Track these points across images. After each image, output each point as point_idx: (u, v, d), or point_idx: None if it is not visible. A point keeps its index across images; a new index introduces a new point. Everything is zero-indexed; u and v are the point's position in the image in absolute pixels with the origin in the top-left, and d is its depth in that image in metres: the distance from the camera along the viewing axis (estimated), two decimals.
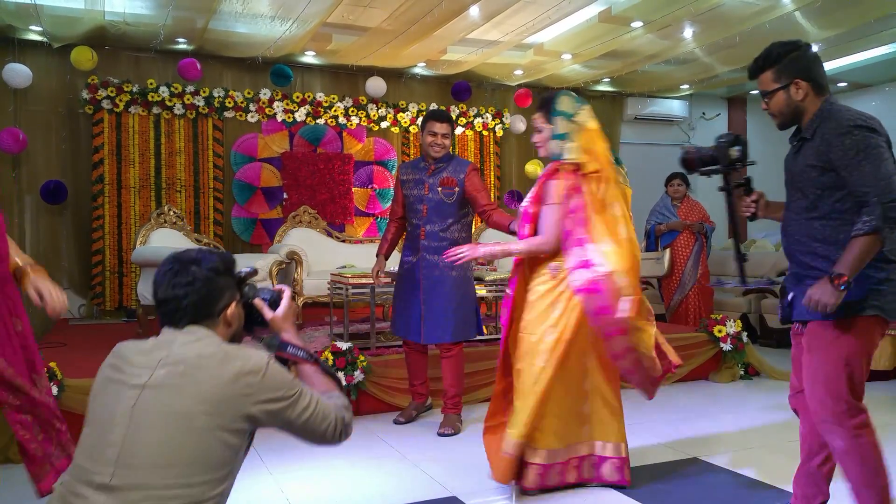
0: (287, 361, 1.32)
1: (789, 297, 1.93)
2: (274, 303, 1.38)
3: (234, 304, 1.29)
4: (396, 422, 3.24)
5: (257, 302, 1.36)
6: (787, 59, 1.86)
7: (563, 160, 2.34)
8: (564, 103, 2.36)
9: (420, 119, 6.46)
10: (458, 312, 3.04)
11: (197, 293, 1.23)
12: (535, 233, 2.36)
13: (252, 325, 1.37)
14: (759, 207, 2.05)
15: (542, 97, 2.46)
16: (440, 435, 3.04)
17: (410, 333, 3.08)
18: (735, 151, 2.01)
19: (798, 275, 1.89)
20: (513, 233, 2.79)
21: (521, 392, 2.31)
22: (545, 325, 2.28)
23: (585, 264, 2.24)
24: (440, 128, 3.02)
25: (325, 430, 1.25)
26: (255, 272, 1.38)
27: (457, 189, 3.02)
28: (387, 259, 3.25)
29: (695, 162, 2.09)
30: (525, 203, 2.41)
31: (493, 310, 4.74)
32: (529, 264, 2.39)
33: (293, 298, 1.51)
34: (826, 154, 1.80)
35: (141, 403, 1.13)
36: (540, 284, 2.32)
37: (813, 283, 1.74)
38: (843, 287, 1.67)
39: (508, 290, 2.45)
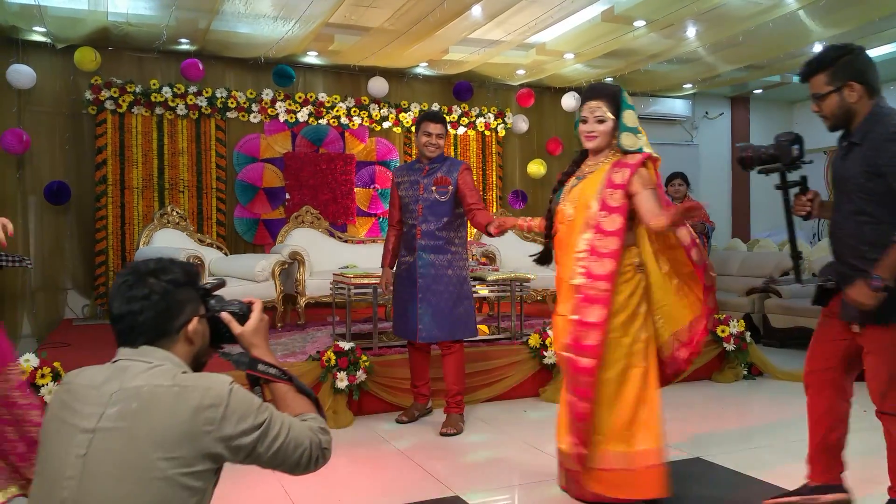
0: (258, 380, 1.22)
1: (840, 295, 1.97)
2: (243, 316, 1.25)
3: (195, 320, 1.16)
4: (399, 421, 3.24)
5: (224, 315, 1.23)
6: (842, 62, 1.89)
7: (647, 153, 2.24)
8: (628, 97, 2.31)
9: None
10: (457, 310, 3.05)
11: (154, 308, 1.11)
12: (626, 225, 2.16)
13: (219, 342, 1.25)
14: (814, 206, 2.07)
15: (596, 86, 2.35)
16: (443, 434, 3.04)
17: (409, 333, 3.08)
18: (795, 150, 2.01)
19: (845, 275, 1.94)
20: (489, 234, 2.83)
21: (627, 400, 2.16)
22: (637, 325, 2.18)
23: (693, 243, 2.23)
24: (434, 128, 3.06)
25: (298, 458, 1.13)
26: (222, 283, 1.28)
27: (450, 188, 3.05)
28: (392, 269, 3.25)
29: (753, 160, 2.09)
30: (607, 199, 2.18)
31: (496, 310, 4.73)
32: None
33: (270, 309, 1.41)
34: (874, 159, 1.83)
35: (93, 453, 1.02)
36: (624, 283, 2.17)
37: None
38: (878, 289, 1.75)
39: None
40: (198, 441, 1.03)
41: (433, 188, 3.04)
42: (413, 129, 6.45)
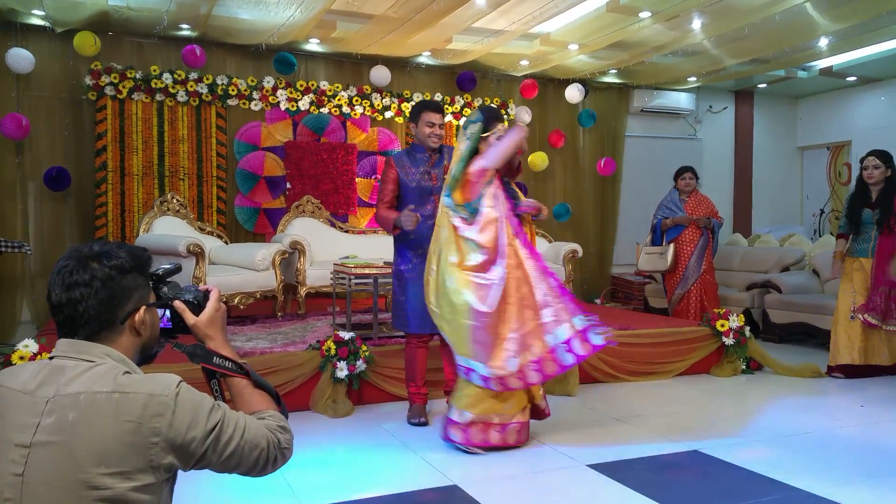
0: (214, 373, 1.14)
1: None
2: (198, 305, 1.17)
3: (143, 310, 1.07)
4: (419, 424, 3.10)
5: (177, 304, 1.15)
6: None
7: None
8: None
9: None
10: None
11: (95, 296, 1.02)
12: None
13: (174, 332, 1.17)
14: None
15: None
16: None
17: (430, 325, 2.97)
18: None
19: None
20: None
21: None
22: None
23: None
24: (437, 118, 3.05)
25: (255, 461, 1.06)
26: (178, 269, 1.19)
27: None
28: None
29: None
30: None
31: None
32: None
33: (229, 300, 1.30)
34: None
35: (31, 472, 0.94)
36: None
37: None
38: None
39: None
40: (144, 453, 0.95)
41: (445, 177, 3.02)
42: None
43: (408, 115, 6.36)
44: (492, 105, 5.18)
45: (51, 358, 1.04)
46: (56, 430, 0.95)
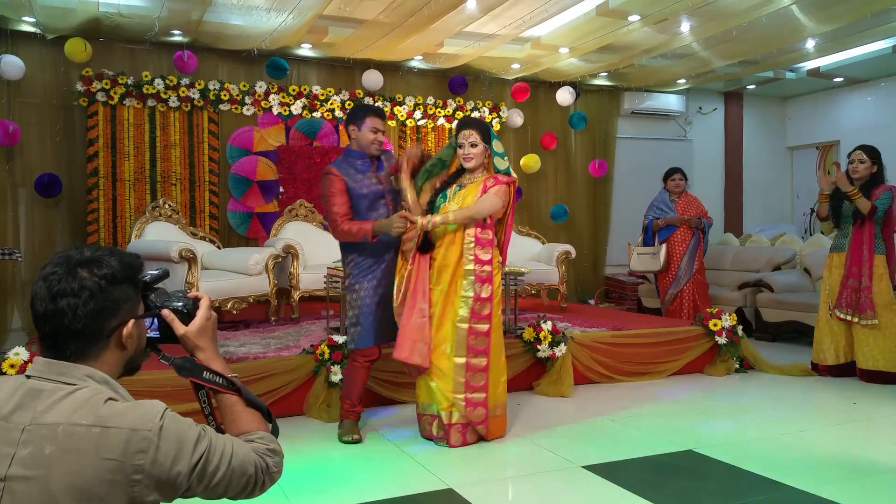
0: (202, 387, 1.09)
1: None
2: (187, 314, 1.10)
3: (131, 323, 1.01)
4: (352, 441, 2.90)
5: (166, 314, 1.08)
6: None
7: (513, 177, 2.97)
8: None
9: (417, 113, 6.45)
10: None
11: (83, 308, 0.95)
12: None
13: (161, 342, 1.11)
14: None
15: (469, 118, 3.15)
16: None
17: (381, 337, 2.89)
18: None
19: None
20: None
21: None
22: None
23: None
24: (382, 125, 2.91)
25: (243, 487, 1.02)
26: (165, 274, 1.11)
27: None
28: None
29: None
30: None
31: None
32: None
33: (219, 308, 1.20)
34: None
35: None
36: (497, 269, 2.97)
37: None
38: None
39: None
40: (126, 491, 0.90)
41: (392, 178, 2.98)
42: (408, 122, 6.47)
43: (400, 119, 6.37)
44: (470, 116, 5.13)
45: (28, 377, 0.97)
46: (33, 463, 0.89)
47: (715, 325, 4.20)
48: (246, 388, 1.12)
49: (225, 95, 5.78)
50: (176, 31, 5.33)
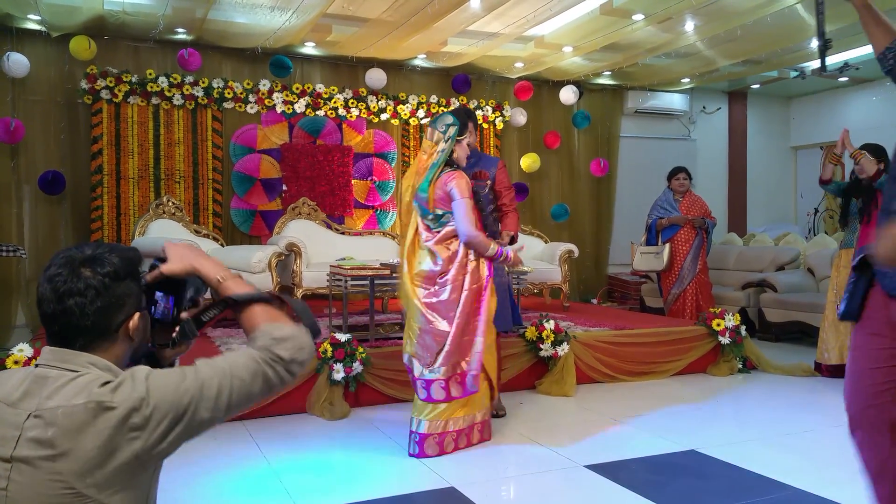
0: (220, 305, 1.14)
1: None
2: (160, 260, 1.13)
3: (136, 316, 1.05)
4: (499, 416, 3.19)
5: (149, 277, 1.10)
6: None
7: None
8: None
9: (420, 111, 6.45)
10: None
11: (90, 306, 0.99)
12: None
13: (166, 333, 1.13)
14: None
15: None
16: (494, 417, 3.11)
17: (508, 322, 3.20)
18: None
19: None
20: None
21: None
22: None
23: None
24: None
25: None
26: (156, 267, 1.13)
27: (489, 182, 3.17)
28: None
29: None
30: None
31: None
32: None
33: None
34: None
35: (14, 487, 0.92)
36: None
37: None
38: None
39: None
40: (128, 457, 0.94)
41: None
42: (411, 121, 6.47)
43: (403, 117, 6.36)
44: (466, 107, 5.13)
45: (36, 366, 1.01)
46: (37, 445, 0.93)
47: (718, 324, 4.19)
48: (258, 291, 1.16)
49: (229, 93, 5.79)
50: (180, 29, 5.34)
